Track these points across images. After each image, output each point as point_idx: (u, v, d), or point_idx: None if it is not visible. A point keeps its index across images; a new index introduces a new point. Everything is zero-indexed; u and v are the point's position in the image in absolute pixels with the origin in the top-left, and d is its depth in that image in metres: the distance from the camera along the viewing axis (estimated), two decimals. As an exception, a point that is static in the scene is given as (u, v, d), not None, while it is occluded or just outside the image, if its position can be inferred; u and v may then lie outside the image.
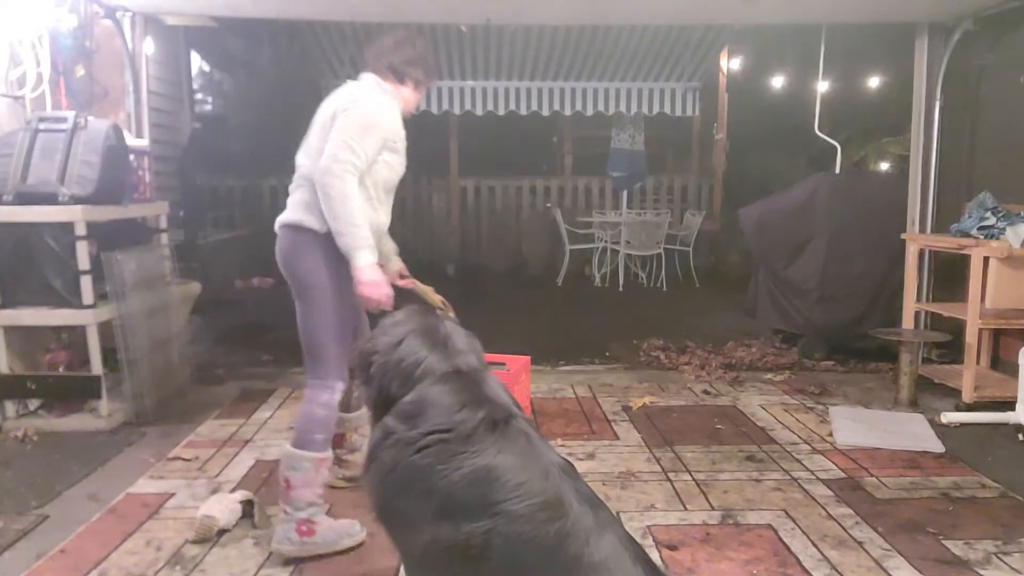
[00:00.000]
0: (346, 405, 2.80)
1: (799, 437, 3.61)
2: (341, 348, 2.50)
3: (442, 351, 1.74)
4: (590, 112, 8.25)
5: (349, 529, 2.52)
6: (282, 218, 2.54)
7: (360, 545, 2.52)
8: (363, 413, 2.83)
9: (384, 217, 2.65)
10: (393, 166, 2.69)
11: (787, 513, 2.79)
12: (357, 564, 2.42)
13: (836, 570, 2.38)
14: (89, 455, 3.33)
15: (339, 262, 2.41)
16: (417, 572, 1.69)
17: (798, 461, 3.30)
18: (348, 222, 2.35)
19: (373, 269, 2.39)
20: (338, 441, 2.87)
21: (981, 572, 2.37)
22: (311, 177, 2.45)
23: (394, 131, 2.68)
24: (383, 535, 2.58)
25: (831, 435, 3.62)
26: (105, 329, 3.66)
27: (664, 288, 8.26)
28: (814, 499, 2.91)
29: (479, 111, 8.14)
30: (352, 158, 2.39)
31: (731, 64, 9.27)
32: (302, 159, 2.55)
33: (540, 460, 1.56)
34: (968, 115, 4.73)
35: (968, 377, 3.94)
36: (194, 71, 8.29)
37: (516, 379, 3.62)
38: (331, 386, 2.51)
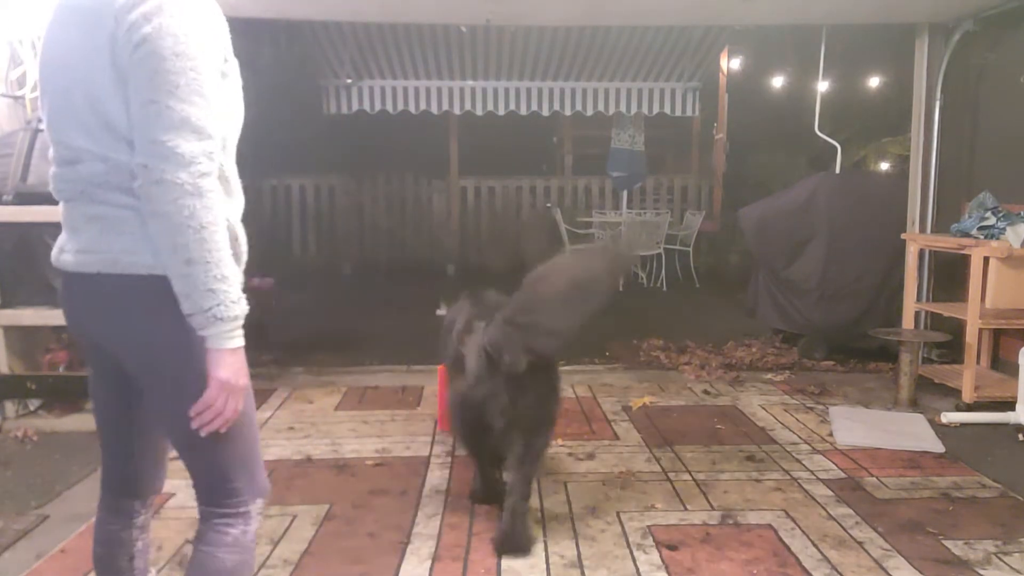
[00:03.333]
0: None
1: (799, 437, 3.61)
2: (257, 441, 1.60)
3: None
4: (590, 112, 8.25)
5: None
6: (91, 261, 1.43)
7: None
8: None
9: (239, 201, 1.53)
10: (230, 105, 1.48)
11: (787, 513, 2.79)
12: (357, 564, 2.42)
13: (836, 570, 2.38)
14: (89, 455, 3.33)
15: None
16: None
17: (798, 461, 3.30)
18: (208, 270, 1.35)
19: (241, 354, 1.44)
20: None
21: (981, 572, 2.37)
22: (119, 182, 1.39)
23: (222, 43, 1.45)
24: (383, 535, 2.59)
25: (831, 435, 3.62)
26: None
27: (664, 288, 8.26)
28: (814, 499, 2.91)
29: (479, 111, 8.14)
30: (196, 143, 1.34)
31: (731, 64, 9.27)
32: (80, 141, 1.41)
33: None
34: (968, 115, 4.73)
35: (968, 377, 3.94)
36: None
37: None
38: (246, 511, 1.56)
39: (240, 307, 1.40)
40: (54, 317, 3.60)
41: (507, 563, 2.42)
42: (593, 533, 2.63)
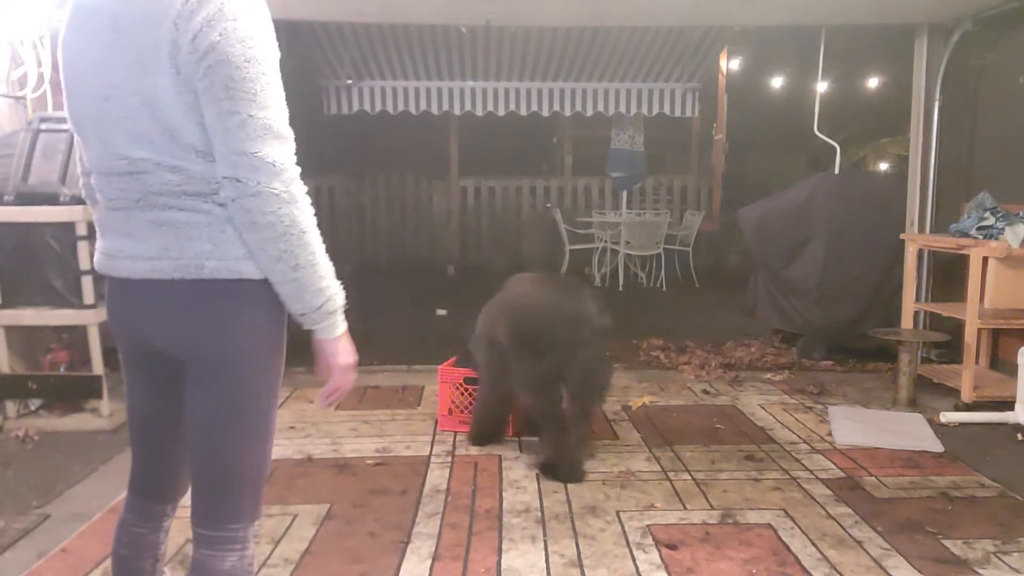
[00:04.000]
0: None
1: (798, 437, 3.62)
2: (267, 467, 1.56)
3: None
4: (590, 112, 8.26)
5: None
6: (167, 267, 1.39)
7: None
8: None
9: None
10: None
11: (786, 512, 2.79)
12: (357, 563, 2.43)
13: (835, 569, 2.39)
14: (90, 455, 3.34)
15: (283, 317, 1.49)
16: None
17: (797, 461, 3.31)
18: (314, 271, 1.40)
19: (347, 336, 1.53)
20: None
21: (980, 571, 2.38)
22: (195, 190, 1.36)
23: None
24: (383, 535, 2.60)
25: (830, 435, 3.63)
26: (106, 329, 3.67)
27: (664, 288, 8.27)
28: (813, 499, 2.92)
29: (479, 112, 8.15)
30: (282, 149, 1.35)
31: (731, 65, 9.28)
32: (141, 152, 1.35)
33: None
34: (968, 115, 4.74)
35: (967, 377, 3.95)
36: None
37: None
38: (245, 535, 1.51)
39: (341, 296, 1.47)
40: (54, 317, 3.61)
41: (507, 562, 2.42)
42: (593, 532, 2.63)
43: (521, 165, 10.37)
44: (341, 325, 1.49)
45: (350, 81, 7.85)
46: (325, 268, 1.42)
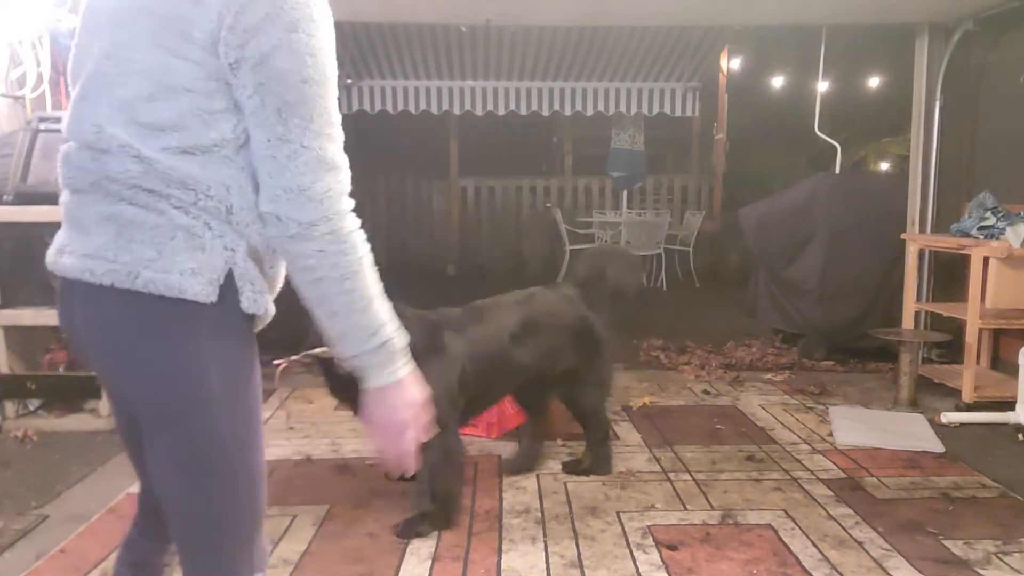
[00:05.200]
0: None
1: (799, 437, 3.61)
2: (263, 507, 1.44)
3: None
4: (590, 112, 8.25)
5: None
6: (100, 269, 1.16)
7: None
8: None
9: None
10: None
11: (787, 513, 2.79)
12: (356, 564, 2.42)
13: (836, 570, 2.38)
14: (89, 455, 3.34)
15: (246, 343, 1.26)
16: None
17: (798, 461, 3.30)
18: (349, 312, 1.21)
19: (414, 382, 1.28)
20: None
21: (981, 572, 2.37)
22: (156, 187, 1.14)
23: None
24: (383, 535, 2.59)
25: (831, 435, 3.62)
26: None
27: (664, 288, 8.27)
28: (814, 499, 2.91)
29: (479, 111, 8.14)
30: (334, 182, 1.20)
31: (731, 64, 9.27)
32: (115, 129, 1.15)
33: None
34: (968, 115, 4.73)
35: (968, 377, 3.94)
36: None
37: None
38: None
39: (400, 339, 1.24)
40: (54, 317, 3.56)
41: (507, 563, 2.42)
42: (593, 533, 2.63)
43: (521, 165, 10.37)
44: (393, 373, 1.24)
45: (349, 81, 7.85)
46: (371, 313, 1.21)
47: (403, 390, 1.25)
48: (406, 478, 2.59)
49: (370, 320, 1.21)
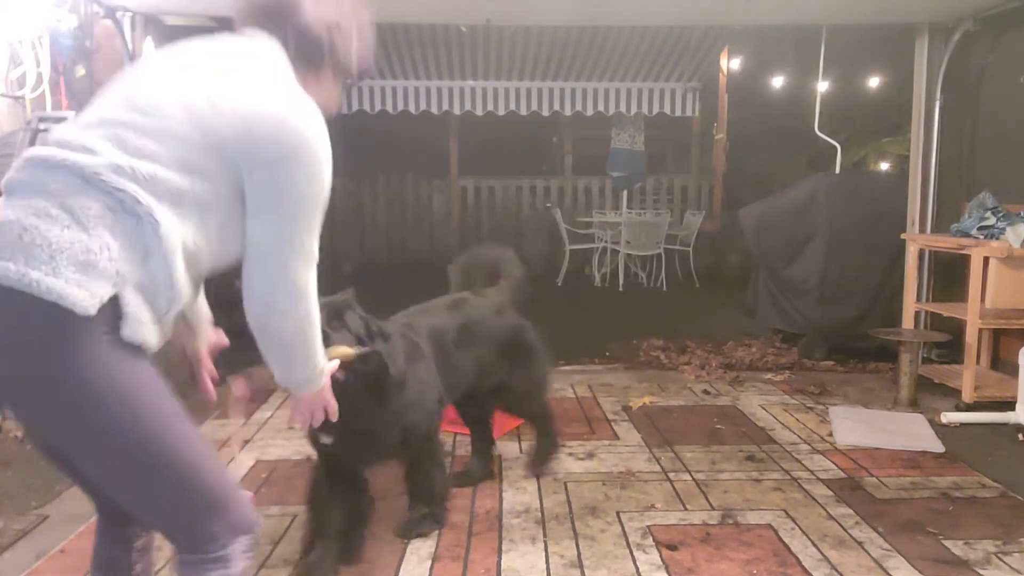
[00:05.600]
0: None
1: (799, 437, 3.61)
2: (222, 479, 1.44)
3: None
4: (590, 112, 8.26)
5: None
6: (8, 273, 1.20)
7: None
8: None
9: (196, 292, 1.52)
10: None
11: (787, 513, 2.79)
12: (356, 564, 2.42)
13: (836, 570, 2.38)
14: (89, 455, 3.33)
15: (131, 359, 1.28)
16: None
17: (798, 461, 3.30)
18: (306, 362, 1.52)
19: (323, 380, 1.64)
20: None
21: (981, 572, 2.37)
22: (119, 188, 1.25)
23: None
24: (383, 535, 2.59)
25: (831, 435, 3.62)
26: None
27: (664, 288, 8.27)
28: (814, 499, 2.91)
29: (479, 111, 8.14)
30: (307, 269, 1.42)
31: (731, 64, 9.28)
32: (80, 136, 1.31)
33: None
34: (968, 115, 4.73)
35: (968, 377, 3.94)
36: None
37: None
38: (225, 554, 1.38)
39: (322, 367, 1.60)
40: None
41: (507, 563, 2.42)
42: (593, 533, 2.63)
43: (521, 165, 10.38)
44: (316, 385, 1.61)
45: (349, 80, 7.84)
46: (315, 357, 1.54)
47: (321, 392, 1.64)
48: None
49: (314, 363, 1.54)
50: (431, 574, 2.35)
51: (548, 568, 2.39)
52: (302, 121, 1.38)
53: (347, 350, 1.99)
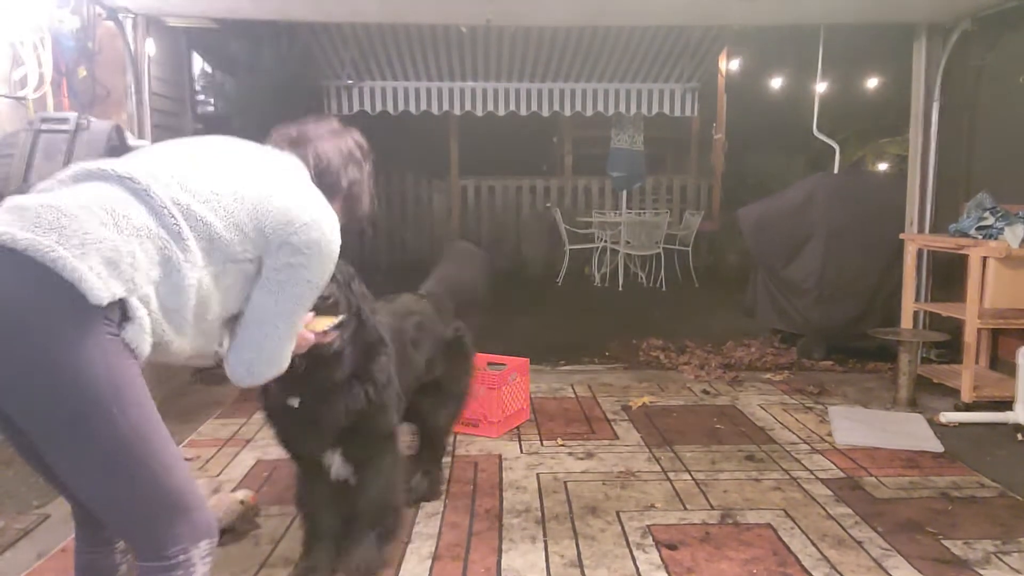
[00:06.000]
0: None
1: (798, 437, 3.62)
2: (188, 483, 1.43)
3: None
4: (590, 112, 8.26)
5: None
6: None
7: None
8: None
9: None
10: None
11: (786, 513, 2.79)
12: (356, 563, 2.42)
13: (835, 569, 2.39)
14: (90, 455, 3.34)
15: (126, 356, 1.33)
16: None
17: (797, 461, 3.31)
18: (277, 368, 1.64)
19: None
20: None
21: (980, 572, 2.38)
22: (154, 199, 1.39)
23: None
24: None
25: (830, 435, 3.63)
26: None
27: (663, 288, 8.28)
28: (813, 499, 2.92)
29: (479, 111, 8.14)
30: (290, 344, 1.64)
31: (730, 65, 9.28)
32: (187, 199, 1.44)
33: None
34: (967, 115, 4.74)
35: (967, 377, 3.95)
36: (196, 72, 8.30)
37: (504, 380, 3.67)
38: (186, 559, 1.40)
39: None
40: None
41: (507, 562, 2.43)
42: (593, 533, 2.64)
43: (521, 165, 10.37)
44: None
45: (350, 81, 7.86)
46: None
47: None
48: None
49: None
50: (431, 574, 2.36)
51: (548, 568, 2.40)
52: (328, 227, 1.58)
53: (329, 320, 1.90)
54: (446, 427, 3.01)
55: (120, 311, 1.32)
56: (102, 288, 1.27)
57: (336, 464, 2.27)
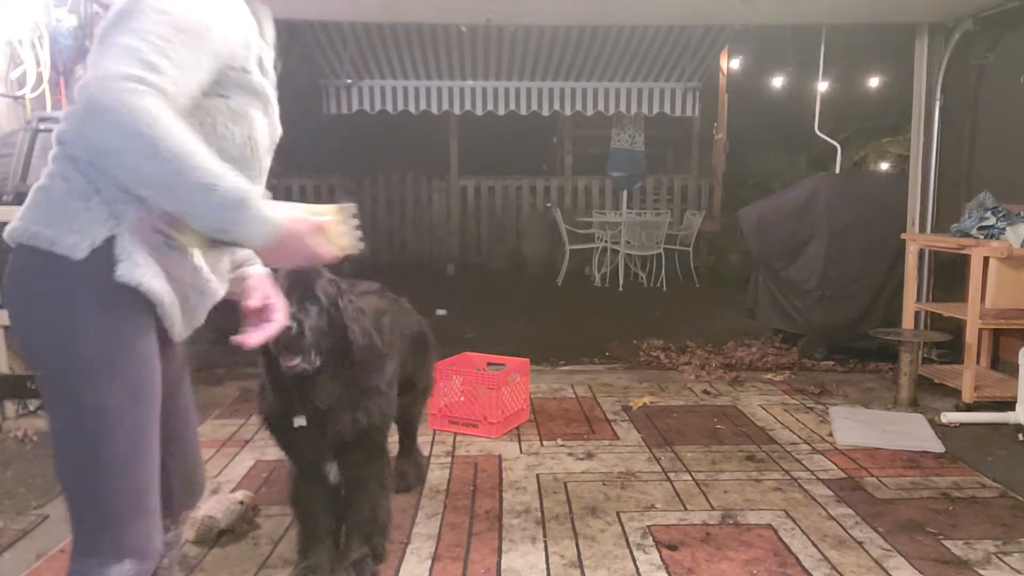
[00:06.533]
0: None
1: (799, 437, 3.61)
2: (135, 491, 1.27)
3: None
4: (590, 112, 8.26)
5: None
6: (10, 228, 1.29)
7: None
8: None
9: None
10: (251, 119, 1.38)
11: (787, 513, 2.79)
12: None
13: (836, 570, 2.38)
14: (89, 455, 3.33)
15: (124, 315, 1.24)
16: None
17: (798, 461, 3.30)
18: (175, 164, 1.12)
19: (277, 213, 1.22)
20: None
21: (981, 572, 2.37)
22: (67, 135, 1.25)
23: (241, 42, 1.32)
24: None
25: (831, 435, 3.62)
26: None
27: (664, 288, 8.27)
28: (814, 499, 2.91)
29: (479, 111, 8.14)
30: (144, 73, 1.13)
31: (731, 64, 9.27)
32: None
33: None
34: (968, 115, 4.73)
35: (968, 377, 3.94)
36: (194, 71, 8.31)
37: (503, 380, 3.66)
38: (107, 568, 1.24)
39: (244, 196, 1.17)
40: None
41: (507, 563, 2.42)
42: (593, 533, 2.63)
43: (521, 165, 10.37)
44: (264, 223, 1.19)
45: (349, 80, 7.85)
46: (207, 179, 1.15)
47: (291, 238, 1.23)
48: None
49: (213, 190, 1.14)
50: (431, 574, 2.36)
51: (548, 568, 2.39)
52: None
53: (330, 208, 1.39)
54: (419, 416, 3.10)
55: (106, 254, 1.22)
56: (75, 240, 1.21)
57: (334, 471, 2.28)
